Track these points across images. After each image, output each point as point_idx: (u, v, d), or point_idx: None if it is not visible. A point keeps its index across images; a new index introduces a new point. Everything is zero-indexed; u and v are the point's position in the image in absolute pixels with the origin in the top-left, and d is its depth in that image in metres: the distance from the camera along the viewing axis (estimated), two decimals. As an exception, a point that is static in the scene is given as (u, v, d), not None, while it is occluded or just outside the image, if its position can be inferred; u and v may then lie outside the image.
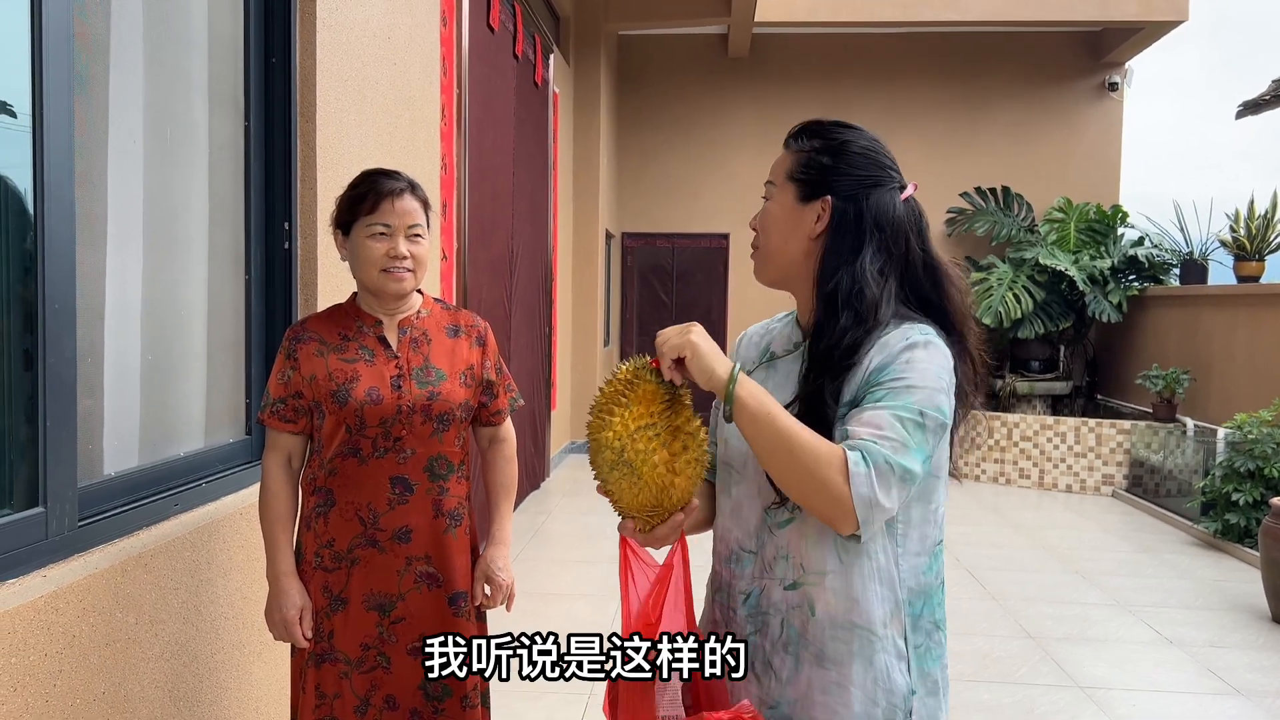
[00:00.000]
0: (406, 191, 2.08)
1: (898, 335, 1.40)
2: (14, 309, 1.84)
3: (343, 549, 2.06)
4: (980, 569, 5.85)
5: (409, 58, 3.85)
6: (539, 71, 7.39)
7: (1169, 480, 8.12)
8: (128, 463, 2.29)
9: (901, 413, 1.33)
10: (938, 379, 1.37)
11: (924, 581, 1.44)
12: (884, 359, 1.38)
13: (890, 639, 1.41)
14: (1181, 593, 5.45)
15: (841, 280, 1.44)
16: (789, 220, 1.50)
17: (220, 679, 2.44)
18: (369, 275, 2.08)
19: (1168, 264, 9.69)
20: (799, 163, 1.50)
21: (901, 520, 1.42)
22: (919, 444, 1.33)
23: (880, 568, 1.41)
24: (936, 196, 10.86)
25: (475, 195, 5.33)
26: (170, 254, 2.53)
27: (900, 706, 1.40)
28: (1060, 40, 10.73)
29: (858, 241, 1.45)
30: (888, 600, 1.41)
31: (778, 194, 1.52)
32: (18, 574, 1.77)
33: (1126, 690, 4.02)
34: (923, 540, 1.44)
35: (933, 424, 1.35)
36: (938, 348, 1.40)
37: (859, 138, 1.51)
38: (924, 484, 1.42)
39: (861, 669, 1.40)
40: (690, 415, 1.40)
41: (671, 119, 11.03)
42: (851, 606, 1.40)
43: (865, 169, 1.48)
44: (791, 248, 1.50)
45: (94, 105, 2.18)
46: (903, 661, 1.42)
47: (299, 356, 2.08)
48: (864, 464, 1.29)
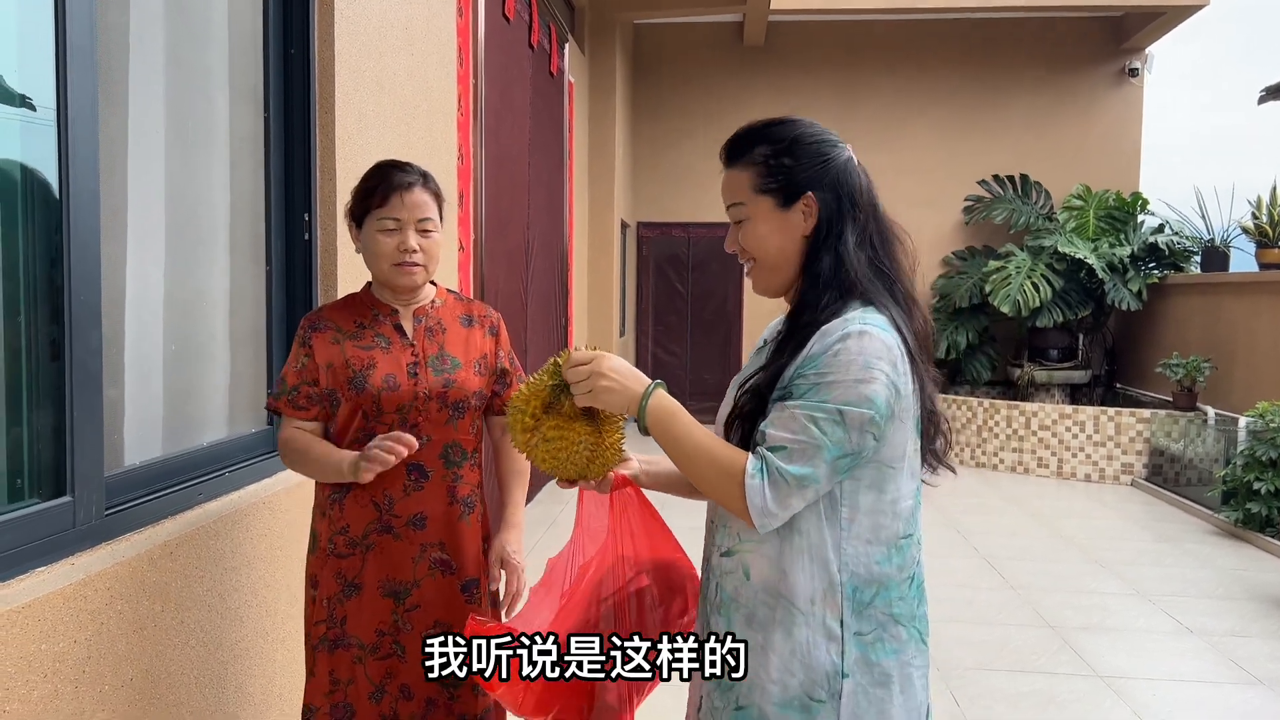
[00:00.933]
0: (417, 184, 2.09)
1: (838, 325, 1.43)
2: (40, 301, 1.87)
3: (357, 535, 2.07)
4: (999, 558, 5.84)
5: (426, 48, 3.86)
6: (554, 61, 7.38)
7: (1189, 469, 8.07)
8: (152, 453, 2.32)
9: (816, 412, 1.38)
10: (865, 370, 1.39)
11: (878, 572, 1.47)
12: (818, 349, 1.42)
13: (818, 617, 1.44)
14: (1202, 582, 5.42)
15: (824, 263, 1.49)
16: (778, 229, 1.52)
17: (245, 665, 2.47)
18: (380, 268, 2.10)
19: (1188, 251, 9.61)
20: (761, 173, 1.52)
21: (846, 505, 1.45)
22: (835, 442, 1.38)
23: (811, 545, 1.45)
24: (954, 184, 10.81)
25: (492, 186, 5.34)
26: (192, 246, 2.55)
27: (821, 684, 1.43)
28: (1080, 26, 10.64)
29: (842, 224, 1.50)
30: (818, 578, 1.45)
31: (753, 210, 1.53)
32: (47, 562, 1.79)
33: (1147, 679, 4.01)
34: (875, 530, 1.47)
35: (856, 420, 1.38)
36: (873, 337, 1.41)
37: (800, 127, 1.53)
38: (878, 473, 1.45)
39: (781, 637, 1.45)
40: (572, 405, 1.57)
41: (687, 108, 11.01)
42: (780, 577, 1.46)
43: (822, 152, 1.51)
44: (789, 253, 1.53)
45: (116, 98, 2.20)
46: (833, 643, 1.44)
47: (314, 344, 2.09)
48: (759, 476, 1.39)
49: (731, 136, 1.57)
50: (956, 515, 6.99)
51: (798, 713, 1.44)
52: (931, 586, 5.55)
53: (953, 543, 6.21)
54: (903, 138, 10.82)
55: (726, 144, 1.57)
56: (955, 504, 7.38)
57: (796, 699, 1.44)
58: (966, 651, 4.28)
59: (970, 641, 4.40)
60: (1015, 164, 10.70)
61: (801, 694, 1.44)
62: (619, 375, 1.48)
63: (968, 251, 10.73)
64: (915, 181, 10.82)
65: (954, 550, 6.02)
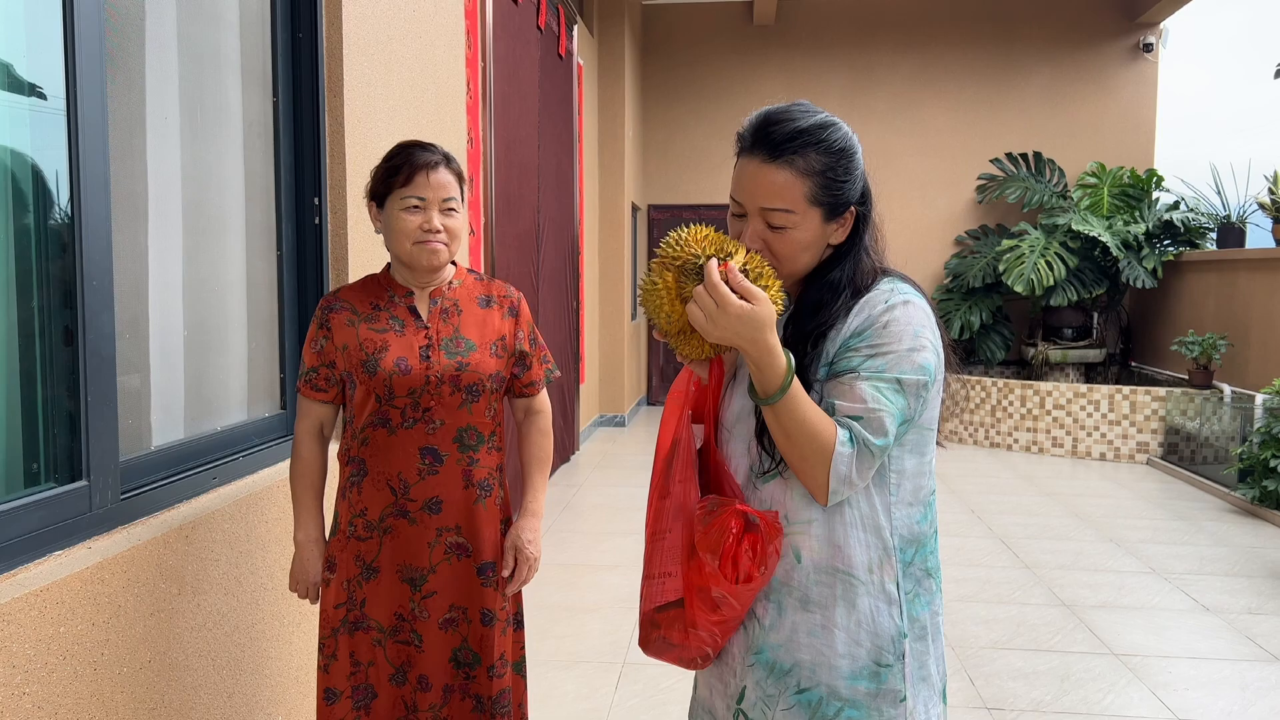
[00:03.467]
0: (441, 164, 2.08)
1: (878, 296, 1.45)
2: (53, 287, 1.87)
3: (375, 518, 2.08)
4: (1013, 537, 5.82)
5: (434, 31, 3.84)
6: (562, 43, 7.35)
7: (1205, 447, 8.02)
8: (171, 436, 2.33)
9: (878, 381, 1.40)
10: (916, 338, 1.41)
11: (918, 530, 1.49)
12: (862, 322, 1.43)
13: (878, 583, 1.46)
14: (1218, 560, 5.40)
15: (847, 266, 1.49)
16: (818, 240, 1.48)
17: (261, 648, 2.49)
18: (402, 247, 2.08)
19: (1204, 228, 9.53)
20: (819, 185, 1.44)
21: (895, 470, 1.47)
22: (899, 409, 1.40)
23: (864, 515, 1.46)
24: (967, 162, 10.73)
25: (501, 169, 5.33)
26: (205, 231, 2.56)
27: (889, 649, 1.46)
28: (1093, 1, 10.52)
29: (863, 227, 1.52)
30: (874, 546, 1.46)
31: (802, 220, 1.45)
32: (64, 546, 1.81)
33: (1163, 657, 4.00)
34: (916, 491, 1.49)
35: (912, 385, 1.41)
36: (916, 305, 1.45)
37: (843, 133, 1.47)
38: (919, 437, 1.48)
39: (845, 612, 1.46)
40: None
41: (697, 89, 10.95)
42: (835, 553, 1.46)
43: (859, 163, 1.49)
44: (813, 261, 1.51)
45: (131, 84, 2.20)
46: (894, 606, 1.47)
47: (331, 325, 2.10)
48: (850, 445, 1.39)
49: (772, 126, 1.45)
50: (971, 495, 6.97)
51: (868, 681, 1.45)
52: (947, 566, 5.53)
53: (968, 523, 6.20)
54: (915, 117, 10.75)
55: (767, 133, 1.45)
56: (970, 484, 7.37)
57: (866, 668, 1.45)
58: (982, 630, 4.27)
59: (986, 620, 4.40)
60: (1028, 142, 10.62)
61: (870, 662, 1.45)
62: (761, 329, 1.36)
63: (981, 230, 10.67)
64: (927, 160, 10.75)
65: (970, 530, 6.01)
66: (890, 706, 1.46)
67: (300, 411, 2.15)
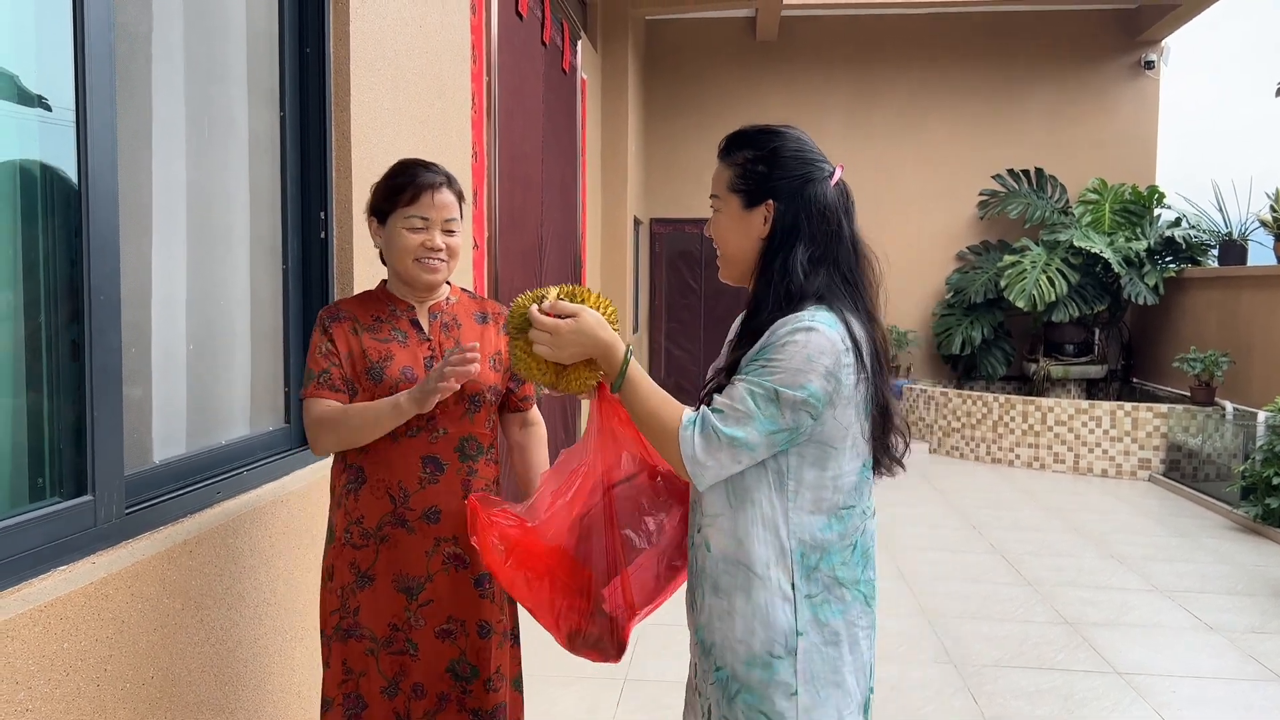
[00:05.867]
0: (444, 185, 2.11)
1: (791, 320, 1.60)
2: (61, 301, 1.87)
3: (371, 526, 2.08)
4: (1015, 554, 5.81)
5: (440, 46, 3.86)
6: (567, 58, 7.38)
7: (1207, 464, 8.02)
8: (174, 451, 2.33)
9: (756, 388, 1.57)
10: (807, 361, 1.56)
11: (821, 539, 1.63)
12: (767, 339, 1.60)
13: (774, 580, 1.61)
14: (1221, 578, 5.38)
15: (775, 271, 1.65)
16: (738, 226, 1.71)
17: (264, 663, 2.48)
18: (403, 264, 2.11)
19: (1206, 245, 9.55)
20: (737, 174, 1.70)
21: (793, 479, 1.63)
22: (768, 417, 1.56)
23: (765, 515, 1.62)
24: (968, 178, 10.76)
25: (505, 183, 5.34)
26: (211, 245, 2.56)
27: (780, 641, 1.60)
28: (1095, 19, 10.57)
29: (795, 236, 1.66)
30: (771, 545, 1.62)
31: (724, 205, 1.72)
32: (68, 560, 1.80)
33: (1165, 676, 3.98)
34: (819, 502, 1.63)
35: (789, 400, 1.56)
36: (820, 334, 1.57)
37: (787, 141, 1.69)
38: (820, 452, 1.62)
39: (743, 600, 1.62)
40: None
41: (700, 104, 10.99)
42: (738, 546, 1.63)
43: (797, 169, 1.67)
44: (746, 250, 1.71)
45: (138, 97, 2.20)
46: (787, 603, 1.61)
47: (334, 334, 2.11)
48: (691, 428, 1.58)
49: (731, 133, 1.75)
50: (972, 511, 6.96)
51: (761, 669, 1.61)
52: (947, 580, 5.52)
53: (969, 538, 6.19)
54: (917, 132, 10.78)
55: (723, 141, 1.76)
56: (971, 500, 7.36)
57: (759, 657, 1.61)
58: (984, 648, 4.26)
59: (988, 637, 4.39)
60: (1030, 158, 10.65)
61: (763, 652, 1.61)
62: (588, 332, 1.63)
63: (982, 246, 10.69)
64: (929, 176, 10.78)
65: (970, 546, 6.00)
66: (782, 698, 1.60)
67: (308, 409, 2.09)
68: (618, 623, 1.81)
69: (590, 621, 1.81)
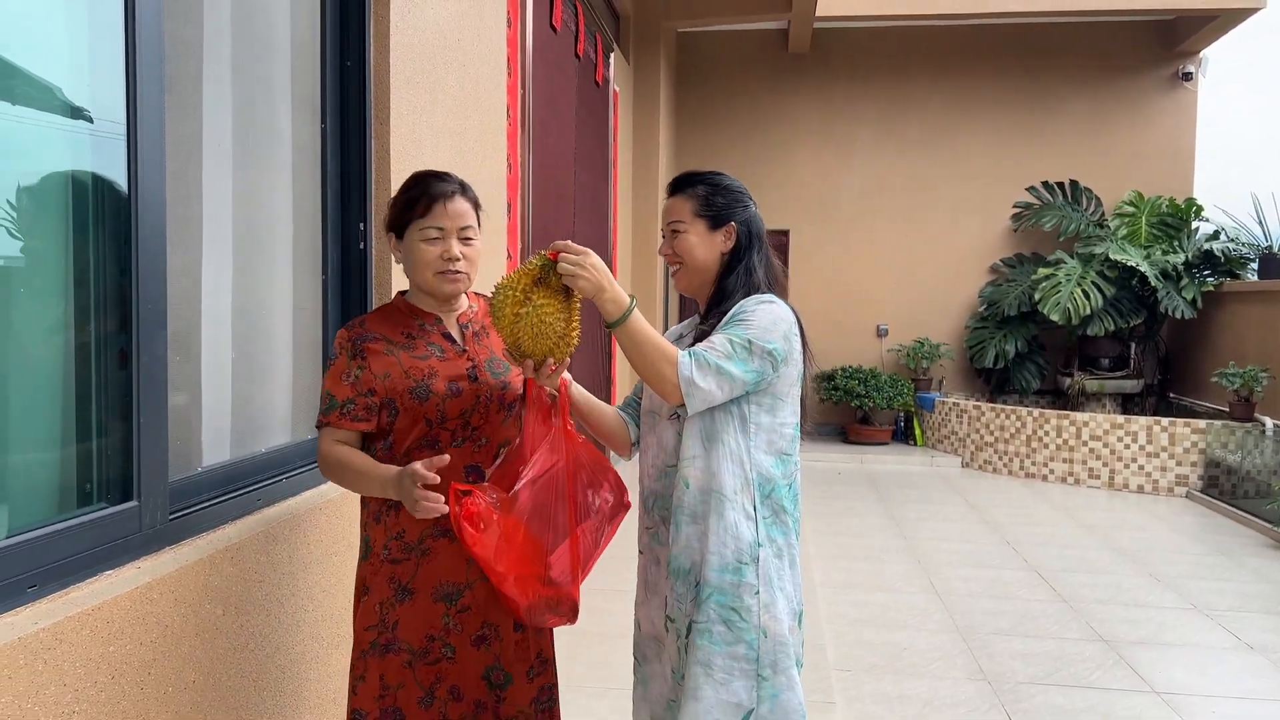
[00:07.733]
0: (458, 193, 2.11)
1: (756, 297, 2.10)
2: (110, 309, 1.91)
3: (413, 540, 2.08)
4: (1050, 570, 5.74)
5: (477, 59, 3.89)
6: (599, 71, 7.41)
7: (1247, 481, 7.88)
8: (217, 458, 2.36)
9: (733, 337, 2.00)
10: (773, 324, 2.02)
11: (771, 473, 2.08)
12: (739, 310, 2.06)
13: (740, 503, 2.04)
14: (1262, 597, 5.29)
15: (740, 274, 2.15)
16: (706, 245, 2.17)
17: (301, 669, 2.50)
18: (424, 277, 2.10)
19: (1245, 258, 9.41)
20: (700, 204, 2.16)
21: (754, 422, 2.07)
22: (742, 359, 1.99)
23: (732, 451, 2.05)
24: (1002, 190, 10.68)
25: (539, 195, 5.37)
26: (255, 255, 2.59)
27: (747, 552, 2.03)
28: (1131, 30, 10.47)
29: (750, 248, 2.17)
30: (738, 475, 2.05)
31: (689, 229, 2.17)
32: (113, 565, 1.83)
33: (1206, 696, 3.91)
34: (771, 443, 2.08)
35: (759, 350, 2.00)
36: (780, 307, 2.08)
37: (729, 179, 2.20)
38: (772, 402, 2.07)
39: (716, 521, 2.03)
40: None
41: (732, 116, 10.99)
42: (711, 479, 2.05)
43: (741, 200, 2.20)
44: (709, 263, 2.17)
45: (188, 109, 2.24)
46: (750, 521, 2.04)
47: (367, 354, 2.07)
48: (688, 358, 1.97)
49: (676, 177, 2.21)
50: (1007, 526, 6.89)
51: (732, 574, 2.02)
52: (982, 598, 5.45)
53: (1003, 554, 6.12)
54: (950, 144, 10.72)
55: (672, 181, 2.21)
56: (1004, 515, 7.28)
57: (730, 564, 2.02)
58: (1020, 665, 4.21)
59: (1024, 654, 4.33)
60: (1065, 170, 10.55)
61: (734, 560, 2.02)
62: (604, 270, 1.95)
63: (1016, 259, 10.59)
64: (963, 188, 10.71)
65: (1005, 562, 5.93)
66: (748, 596, 2.02)
67: (323, 438, 2.10)
68: (564, 588, 2.06)
69: (545, 587, 2.05)
